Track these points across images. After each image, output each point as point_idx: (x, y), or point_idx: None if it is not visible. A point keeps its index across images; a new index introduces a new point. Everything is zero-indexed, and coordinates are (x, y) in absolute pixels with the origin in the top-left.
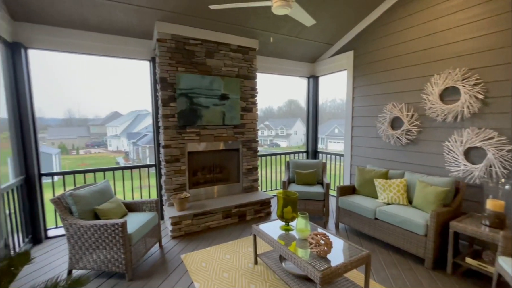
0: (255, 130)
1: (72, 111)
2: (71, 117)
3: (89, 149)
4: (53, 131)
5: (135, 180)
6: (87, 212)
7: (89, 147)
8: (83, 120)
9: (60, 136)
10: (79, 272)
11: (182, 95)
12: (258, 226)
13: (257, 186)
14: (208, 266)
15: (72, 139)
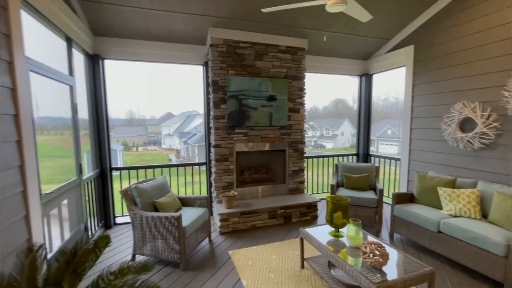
0: (302, 131)
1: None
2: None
3: (146, 147)
4: (118, 130)
5: (187, 177)
6: (148, 204)
7: (146, 145)
8: (141, 120)
9: (123, 135)
10: (141, 257)
11: (232, 97)
12: (305, 229)
13: (303, 188)
14: (255, 264)
15: (133, 137)
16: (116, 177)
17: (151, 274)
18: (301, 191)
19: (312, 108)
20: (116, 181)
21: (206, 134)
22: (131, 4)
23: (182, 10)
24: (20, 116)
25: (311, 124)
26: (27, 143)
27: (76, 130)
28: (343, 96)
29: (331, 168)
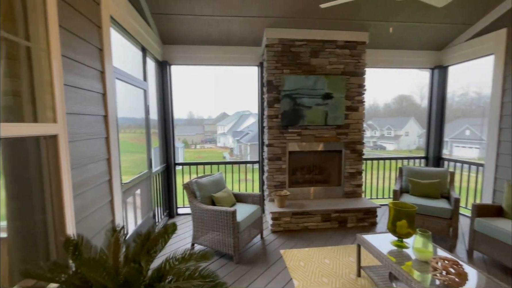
0: (361, 131)
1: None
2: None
3: (203, 144)
4: (179, 129)
5: (240, 174)
6: (207, 197)
7: (203, 143)
8: (199, 120)
9: (184, 133)
10: (199, 246)
11: (286, 96)
12: (363, 236)
13: (360, 192)
14: (307, 266)
15: (192, 136)
16: (178, 171)
17: (209, 263)
18: (358, 195)
19: (372, 106)
20: (178, 175)
21: (259, 133)
22: (195, 13)
23: (239, 14)
24: (108, 117)
25: (370, 124)
26: (112, 140)
27: (148, 129)
28: (409, 92)
29: (393, 172)
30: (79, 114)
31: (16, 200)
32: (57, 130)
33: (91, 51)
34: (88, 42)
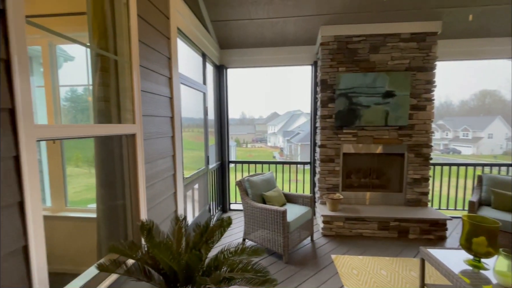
0: (429, 133)
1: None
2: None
3: (254, 144)
4: (232, 128)
5: (291, 174)
6: (258, 196)
7: (254, 142)
8: (251, 120)
9: (236, 132)
10: (249, 242)
11: (341, 95)
12: (428, 249)
13: (426, 200)
14: (360, 275)
15: (243, 135)
16: (231, 169)
17: (259, 259)
18: (424, 203)
19: (443, 104)
20: (231, 173)
21: (311, 134)
22: (251, 17)
23: (294, 14)
24: (174, 118)
25: (440, 124)
26: (177, 138)
27: (206, 129)
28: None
29: (469, 180)
30: (152, 116)
31: (104, 187)
32: (135, 130)
33: (161, 60)
34: (159, 52)
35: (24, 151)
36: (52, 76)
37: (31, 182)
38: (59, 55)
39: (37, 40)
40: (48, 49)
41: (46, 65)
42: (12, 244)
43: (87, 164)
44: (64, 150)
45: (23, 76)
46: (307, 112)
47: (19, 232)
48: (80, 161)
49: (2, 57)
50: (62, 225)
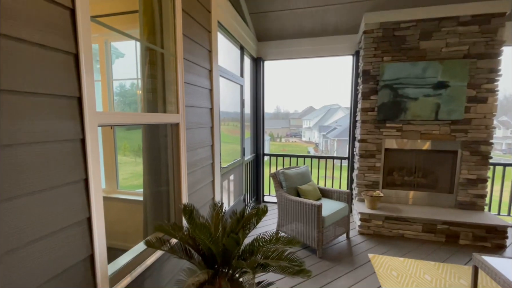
0: (489, 128)
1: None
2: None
3: (288, 138)
4: (266, 122)
5: (327, 171)
6: (292, 189)
7: (288, 137)
8: (285, 114)
9: (270, 126)
10: (283, 234)
11: (385, 87)
12: (484, 257)
13: (482, 204)
14: (401, 278)
15: (277, 129)
16: (265, 163)
17: (294, 251)
18: (479, 207)
19: (506, 98)
20: (265, 166)
21: (350, 128)
22: (289, 7)
23: (335, 1)
24: (213, 109)
25: (504, 120)
26: (216, 129)
27: (242, 121)
28: None
29: None
30: (193, 107)
31: (150, 173)
32: (178, 120)
33: (203, 53)
34: (201, 45)
35: (89, 134)
36: (107, 71)
37: (94, 162)
38: (112, 52)
39: (95, 38)
40: (104, 47)
41: (102, 62)
42: (79, 215)
43: (133, 154)
44: (116, 139)
45: (88, 69)
46: (345, 106)
47: (84, 205)
48: (128, 150)
49: (73, 52)
50: (114, 205)
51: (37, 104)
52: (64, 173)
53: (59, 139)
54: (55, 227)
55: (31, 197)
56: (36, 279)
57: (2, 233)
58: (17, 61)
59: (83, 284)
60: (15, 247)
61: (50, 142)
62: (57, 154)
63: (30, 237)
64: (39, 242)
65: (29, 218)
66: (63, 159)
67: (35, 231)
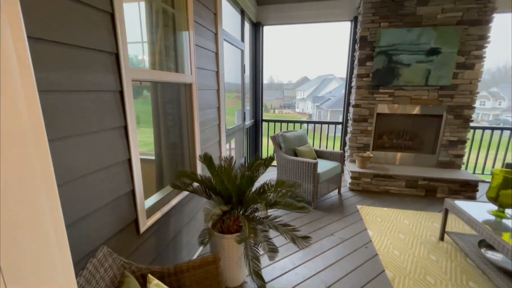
0: (473, 93)
1: (272, 77)
2: (271, 82)
3: (282, 109)
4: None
5: (319, 140)
6: (290, 150)
7: (282, 108)
8: (279, 85)
9: (264, 97)
10: None
11: (381, 53)
12: (455, 201)
13: (460, 163)
14: (384, 222)
15: (271, 100)
16: (263, 131)
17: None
18: (457, 166)
19: (501, 68)
20: (263, 135)
21: (345, 94)
22: None
23: None
24: (219, 73)
25: (494, 91)
26: (221, 92)
27: (243, 86)
28: None
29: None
30: (203, 69)
31: (167, 128)
32: (191, 80)
33: (209, 16)
34: (207, 8)
35: (126, 87)
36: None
37: (130, 112)
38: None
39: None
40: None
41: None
42: (122, 155)
43: (140, 124)
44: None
45: (122, 26)
46: (340, 77)
47: (125, 147)
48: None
49: (109, 11)
50: None
51: (89, 58)
52: (110, 119)
53: (104, 89)
54: (106, 163)
55: (86, 137)
56: (95, 203)
57: (62, 166)
58: (70, 17)
59: (128, 212)
60: (78, 176)
61: (100, 92)
62: (105, 103)
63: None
64: (93, 175)
65: (84, 155)
66: (109, 107)
67: (89, 166)
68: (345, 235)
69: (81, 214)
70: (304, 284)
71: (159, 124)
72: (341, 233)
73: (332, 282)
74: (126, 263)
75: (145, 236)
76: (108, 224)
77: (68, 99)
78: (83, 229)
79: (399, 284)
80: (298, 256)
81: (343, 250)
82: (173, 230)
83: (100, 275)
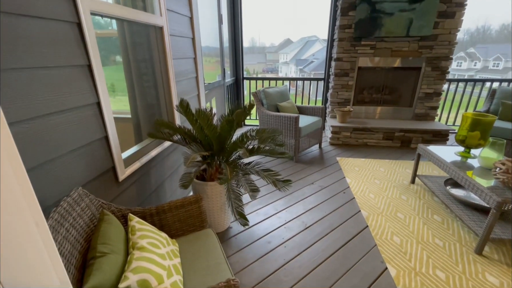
0: (452, 44)
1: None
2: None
3: (265, 74)
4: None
5: (301, 98)
6: (272, 106)
7: (264, 72)
8: (261, 48)
9: (246, 62)
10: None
11: (363, 2)
12: (427, 146)
13: (434, 115)
14: (361, 171)
15: (253, 65)
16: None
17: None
18: (431, 118)
19: (480, 28)
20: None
21: (328, 47)
22: None
23: None
24: (193, 19)
25: (471, 52)
26: (197, 42)
27: (221, 43)
28: None
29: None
30: (174, 12)
31: (141, 78)
32: (161, 22)
33: None
34: None
35: (84, 19)
36: None
37: (93, 49)
38: None
39: None
40: None
41: None
42: (90, 98)
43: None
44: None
45: None
46: (323, 39)
47: (92, 89)
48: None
49: None
50: None
51: None
52: (68, 55)
53: (57, 18)
54: (70, 104)
55: (41, 72)
56: (63, 147)
57: (16, 101)
58: None
59: (104, 159)
60: (38, 115)
61: (52, 21)
62: (59, 34)
63: (44, 110)
64: (56, 116)
65: (41, 91)
66: (65, 40)
67: (50, 105)
68: (325, 183)
69: (47, 157)
70: (286, 226)
71: (131, 75)
72: (321, 181)
73: (312, 222)
74: (105, 203)
75: (125, 184)
76: (82, 169)
77: (12, 24)
78: (53, 172)
79: (372, 221)
80: (280, 203)
81: (322, 196)
82: (155, 181)
83: (77, 212)
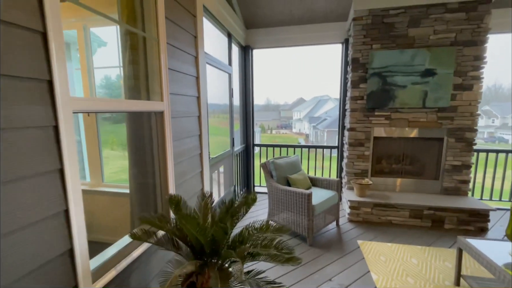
0: (474, 116)
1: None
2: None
3: (279, 130)
4: (256, 114)
5: (316, 162)
6: (282, 178)
7: (279, 128)
8: (275, 106)
9: (260, 119)
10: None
11: (374, 75)
12: (468, 239)
13: (466, 189)
14: (388, 262)
15: (268, 121)
16: (255, 155)
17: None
18: (463, 193)
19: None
20: (256, 158)
21: (340, 117)
22: None
23: None
24: (200, 98)
25: (486, 110)
26: (203, 118)
27: (231, 111)
28: None
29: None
30: (179, 95)
31: (136, 164)
32: (163, 107)
33: (188, 39)
34: (185, 30)
35: (62, 122)
36: (87, 58)
37: (70, 151)
38: (93, 41)
39: (72, 24)
40: (82, 32)
41: (82, 49)
42: (54, 207)
43: (121, 147)
44: (100, 133)
45: (59, 49)
46: (335, 98)
47: (61, 196)
48: (115, 144)
49: (40, 30)
50: (99, 199)
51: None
52: (35, 162)
53: (29, 125)
54: (28, 220)
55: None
56: (10, 275)
57: None
58: None
59: (64, 279)
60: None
61: (22, 129)
62: (28, 142)
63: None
64: (7, 238)
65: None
66: (35, 147)
67: (5, 225)
68: (346, 280)
69: None
70: None
71: (132, 157)
72: (341, 277)
73: None
74: None
75: None
76: None
77: None
78: None
79: None
80: None
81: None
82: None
83: None
